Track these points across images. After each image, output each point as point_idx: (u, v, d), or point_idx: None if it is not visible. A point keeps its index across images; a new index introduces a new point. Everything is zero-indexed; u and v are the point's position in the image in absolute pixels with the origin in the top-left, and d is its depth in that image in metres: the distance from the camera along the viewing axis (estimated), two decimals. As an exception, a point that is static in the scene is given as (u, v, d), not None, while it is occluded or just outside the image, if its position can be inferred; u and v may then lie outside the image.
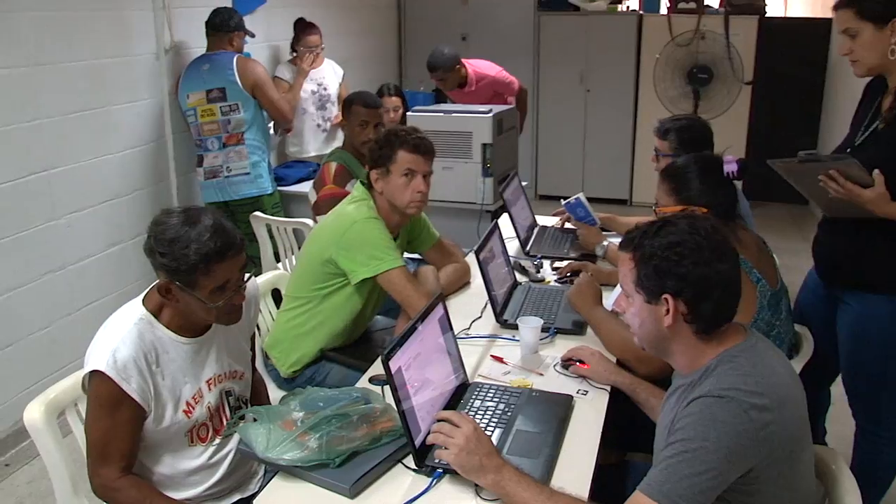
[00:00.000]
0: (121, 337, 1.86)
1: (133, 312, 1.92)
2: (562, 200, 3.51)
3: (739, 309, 1.66)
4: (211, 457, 2.04)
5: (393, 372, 1.73)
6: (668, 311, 1.60)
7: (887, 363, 2.45)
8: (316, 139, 5.21)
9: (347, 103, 3.72)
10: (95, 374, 1.82)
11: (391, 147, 2.66)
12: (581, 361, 2.21)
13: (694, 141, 2.94)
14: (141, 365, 1.85)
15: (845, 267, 2.48)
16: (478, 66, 5.15)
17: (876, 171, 2.19)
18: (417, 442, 1.77)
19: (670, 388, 1.77)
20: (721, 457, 1.45)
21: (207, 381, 2.02)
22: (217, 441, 2.06)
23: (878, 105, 2.40)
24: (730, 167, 2.32)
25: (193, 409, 1.98)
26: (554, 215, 3.68)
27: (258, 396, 2.34)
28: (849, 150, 2.42)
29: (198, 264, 1.80)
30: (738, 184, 2.39)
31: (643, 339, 1.71)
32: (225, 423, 2.07)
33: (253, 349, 2.29)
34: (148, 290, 1.97)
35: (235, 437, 2.06)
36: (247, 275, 1.98)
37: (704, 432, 1.47)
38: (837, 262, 2.51)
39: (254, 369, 2.30)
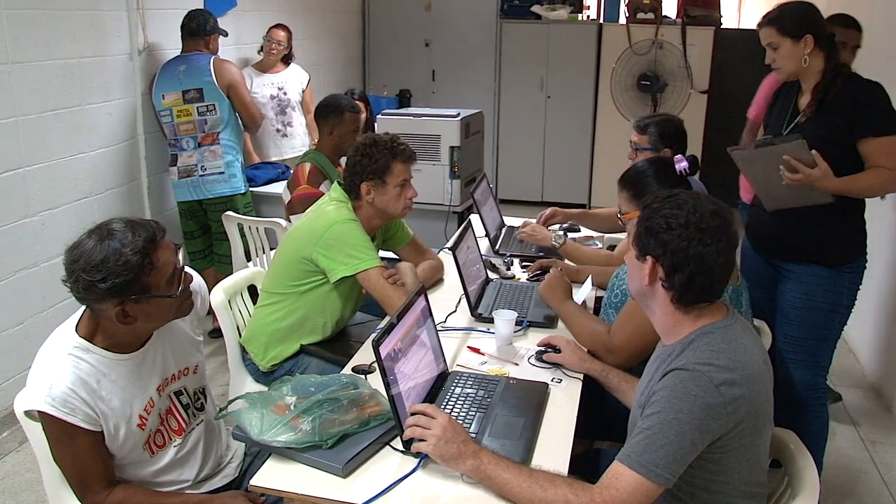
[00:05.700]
0: (55, 370, 1.80)
1: (65, 342, 1.86)
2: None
3: None
4: (177, 454, 2.05)
5: (382, 357, 1.82)
6: (648, 270, 1.73)
7: (832, 318, 2.76)
8: (276, 144, 5.25)
9: (337, 110, 3.75)
10: (42, 414, 1.79)
11: (386, 159, 2.71)
12: (557, 350, 2.32)
13: (672, 135, 3.10)
14: (81, 394, 1.80)
15: (787, 244, 2.77)
16: None
17: (814, 151, 2.48)
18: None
19: (653, 356, 1.88)
20: (693, 427, 1.57)
21: (157, 388, 1.99)
22: (178, 441, 2.05)
23: (795, 104, 2.73)
24: (681, 165, 2.49)
25: (147, 420, 1.95)
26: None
27: None
28: None
29: (141, 263, 1.74)
30: (697, 181, 2.54)
31: (631, 289, 1.86)
32: (182, 423, 2.07)
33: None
34: (80, 317, 1.90)
35: (197, 430, 2.11)
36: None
37: (678, 405, 1.58)
38: (779, 241, 2.79)
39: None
